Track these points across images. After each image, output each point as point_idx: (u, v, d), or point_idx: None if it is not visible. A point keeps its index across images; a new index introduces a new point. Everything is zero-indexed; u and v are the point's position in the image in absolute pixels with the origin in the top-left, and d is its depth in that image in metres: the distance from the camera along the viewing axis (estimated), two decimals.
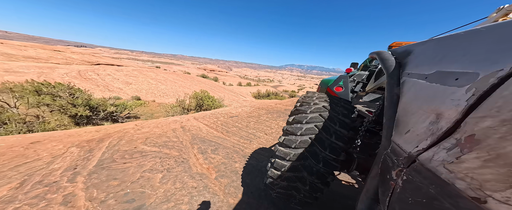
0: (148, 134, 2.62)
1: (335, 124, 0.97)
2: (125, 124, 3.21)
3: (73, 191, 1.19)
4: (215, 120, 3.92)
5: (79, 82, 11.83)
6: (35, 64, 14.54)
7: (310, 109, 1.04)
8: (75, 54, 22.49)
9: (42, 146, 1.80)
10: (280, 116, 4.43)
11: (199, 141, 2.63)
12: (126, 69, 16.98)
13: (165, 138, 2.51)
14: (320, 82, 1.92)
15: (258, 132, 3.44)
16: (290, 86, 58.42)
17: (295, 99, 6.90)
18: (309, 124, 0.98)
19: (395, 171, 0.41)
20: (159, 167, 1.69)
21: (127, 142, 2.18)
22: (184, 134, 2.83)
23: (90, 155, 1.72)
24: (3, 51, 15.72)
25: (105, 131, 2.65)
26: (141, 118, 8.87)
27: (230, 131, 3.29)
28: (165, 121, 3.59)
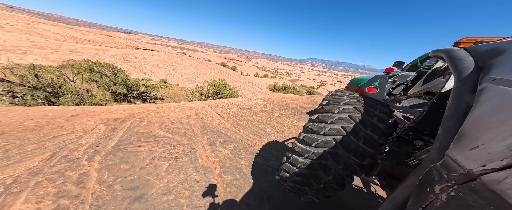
0: (165, 118, 2.73)
1: (366, 128, 0.87)
2: (148, 106, 3.45)
3: (88, 171, 1.29)
4: (228, 110, 3.87)
5: (121, 63, 13.36)
6: (92, 46, 16.96)
7: (338, 109, 0.95)
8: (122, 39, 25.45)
9: (79, 120, 2.05)
10: (295, 113, 4.09)
11: (210, 131, 2.62)
12: (158, 54, 18.36)
13: (179, 125, 2.57)
14: (350, 81, 1.74)
15: (269, 128, 3.25)
16: (309, 82, 54.76)
17: (314, 97, 6.30)
18: (334, 124, 0.91)
19: (440, 186, 0.38)
20: (168, 155, 1.71)
21: (145, 125, 2.30)
22: (197, 122, 2.85)
23: (112, 134, 1.86)
24: (72, 35, 18.84)
25: (131, 111, 2.88)
26: (165, 100, 9.64)
27: (240, 124, 3.20)
28: (182, 107, 3.71)
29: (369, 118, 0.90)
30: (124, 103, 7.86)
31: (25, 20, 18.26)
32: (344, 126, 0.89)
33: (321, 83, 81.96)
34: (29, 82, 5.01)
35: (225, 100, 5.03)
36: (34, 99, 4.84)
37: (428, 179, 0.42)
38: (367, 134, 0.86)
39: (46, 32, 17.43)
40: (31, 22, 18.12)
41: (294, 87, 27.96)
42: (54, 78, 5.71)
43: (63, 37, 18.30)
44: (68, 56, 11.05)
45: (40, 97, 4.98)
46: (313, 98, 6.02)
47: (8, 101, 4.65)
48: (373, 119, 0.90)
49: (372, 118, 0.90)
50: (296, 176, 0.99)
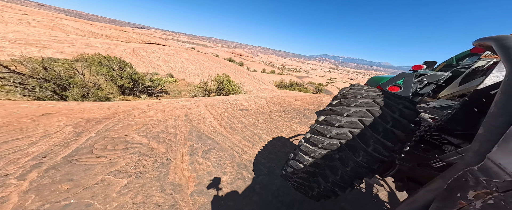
0: (149, 119, 2.46)
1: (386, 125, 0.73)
2: (138, 103, 3.22)
3: (9, 194, 1.02)
4: (223, 110, 3.52)
5: (131, 57, 13.62)
6: (107, 41, 17.56)
7: (355, 103, 0.84)
8: (135, 34, 26.17)
9: (47, 120, 1.86)
10: (296, 116, 3.61)
11: (196, 136, 2.29)
12: (167, 48, 18.49)
13: (163, 127, 2.28)
14: (369, 80, 1.65)
15: (265, 133, 2.84)
16: (318, 78, 52.20)
17: (320, 97, 5.67)
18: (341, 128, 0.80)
19: (475, 192, 0.35)
20: (131, 169, 1.41)
21: (122, 127, 2.04)
22: (184, 124, 2.54)
23: (74, 140, 1.60)
24: (90, 30, 19.71)
25: (115, 109, 2.66)
26: (170, 94, 9.60)
27: (233, 128, 2.83)
28: (174, 106, 3.43)
29: (390, 113, 0.77)
30: (130, 97, 7.94)
31: (50, 17, 19.37)
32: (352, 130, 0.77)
33: (330, 80, 77.81)
34: (38, 75, 5.14)
35: (223, 98, 4.68)
36: (42, 91, 4.97)
37: (460, 183, 0.39)
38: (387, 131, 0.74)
39: (67, 27, 18.35)
40: (55, 18, 19.17)
41: (301, 84, 26.85)
42: (63, 71, 5.82)
43: (82, 32, 19.17)
44: (83, 50, 11.46)
45: (49, 89, 5.10)
46: (319, 98, 5.40)
47: (18, 92, 4.81)
48: (395, 114, 0.77)
49: (394, 113, 0.78)
50: (303, 172, 0.91)
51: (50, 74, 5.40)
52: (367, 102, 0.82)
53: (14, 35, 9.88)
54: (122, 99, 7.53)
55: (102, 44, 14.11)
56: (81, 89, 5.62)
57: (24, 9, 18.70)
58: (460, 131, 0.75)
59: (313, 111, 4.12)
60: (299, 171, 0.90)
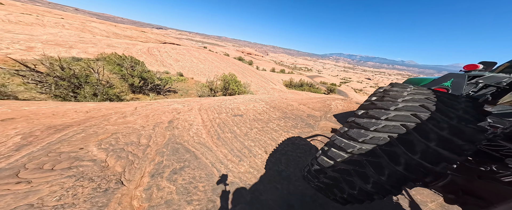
0: (124, 126, 2.13)
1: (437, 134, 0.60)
2: (127, 105, 2.96)
3: None
4: (216, 115, 3.08)
5: (146, 56, 14.17)
6: (127, 41, 18.67)
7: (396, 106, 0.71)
8: (152, 34, 27.62)
9: (2, 127, 1.67)
10: (297, 125, 2.99)
11: (171, 149, 1.89)
12: (178, 48, 18.94)
13: (134, 138, 1.93)
14: (405, 81, 1.51)
15: (256, 146, 2.32)
16: (331, 78, 48.86)
17: (330, 101, 4.87)
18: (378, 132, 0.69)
19: None
20: (51, 202, 1.04)
21: (83, 138, 1.73)
22: (163, 133, 2.16)
23: (6, 157, 1.29)
24: (114, 31, 21.29)
25: (94, 113, 2.38)
26: (178, 93, 9.62)
27: (222, 138, 2.37)
28: (163, 109, 3.10)
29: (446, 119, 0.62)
30: (140, 95, 8.08)
31: (81, 20, 21.35)
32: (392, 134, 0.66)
33: (345, 80, 72.36)
34: (55, 73, 5.40)
35: (222, 100, 4.26)
36: (57, 89, 5.21)
37: None
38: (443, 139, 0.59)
39: (95, 29, 19.99)
40: (85, 21, 21.05)
41: (312, 84, 25.34)
42: (78, 70, 6.06)
43: (107, 33, 20.72)
44: (104, 50, 12.20)
45: (63, 86, 5.34)
46: (328, 102, 4.62)
47: (36, 90, 5.10)
48: (453, 121, 0.62)
49: (452, 119, 0.62)
50: (325, 177, 0.83)
51: (66, 72, 5.65)
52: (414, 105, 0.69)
53: (47, 37, 10.92)
54: (132, 98, 7.69)
55: (122, 44, 14.98)
56: (92, 87, 5.79)
57: (60, 14, 20.92)
58: None
59: (319, 117, 3.43)
60: (329, 169, 0.81)
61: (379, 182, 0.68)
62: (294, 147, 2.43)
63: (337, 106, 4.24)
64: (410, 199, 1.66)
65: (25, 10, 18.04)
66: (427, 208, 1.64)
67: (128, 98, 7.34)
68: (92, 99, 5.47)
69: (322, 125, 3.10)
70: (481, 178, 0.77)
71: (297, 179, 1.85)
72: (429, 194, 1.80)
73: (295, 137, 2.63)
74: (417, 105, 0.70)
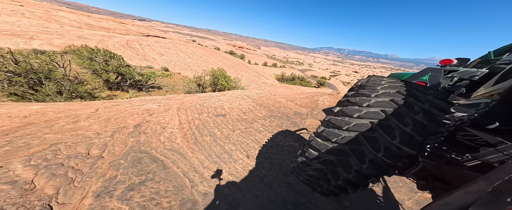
0: (70, 134, 1.76)
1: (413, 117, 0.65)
2: (83, 107, 2.47)
3: None
4: (196, 116, 2.80)
5: (124, 50, 12.83)
6: (102, 33, 16.67)
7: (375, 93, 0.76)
8: (133, 27, 24.95)
9: None
10: (283, 124, 2.85)
11: (133, 159, 1.59)
12: (163, 41, 17.50)
13: (82, 148, 1.56)
14: (388, 76, 1.47)
15: (238, 150, 2.14)
16: (321, 72, 49.70)
17: (317, 97, 4.80)
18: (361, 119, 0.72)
19: None
20: None
21: (5, 153, 1.29)
22: (124, 141, 1.84)
23: None
24: (87, 22, 18.75)
25: (36, 117, 1.89)
26: (163, 89, 8.96)
27: (199, 142, 2.13)
28: (133, 110, 2.71)
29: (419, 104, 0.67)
30: (118, 92, 7.33)
31: (46, 8, 18.46)
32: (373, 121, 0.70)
33: (334, 73, 74.26)
34: (6, 68, 4.55)
35: (206, 98, 3.94)
36: (11, 86, 4.41)
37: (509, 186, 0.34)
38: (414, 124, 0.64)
39: (63, 19, 17.48)
40: (51, 10, 18.25)
41: (303, 78, 25.54)
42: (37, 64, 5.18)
43: (78, 24, 18.27)
44: (74, 42, 10.74)
45: (19, 83, 4.54)
46: (315, 98, 4.54)
47: None
48: (425, 105, 0.67)
49: (423, 104, 0.67)
50: (312, 170, 0.88)
51: (21, 67, 4.79)
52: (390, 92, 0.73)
53: (1, 26, 9.22)
54: (108, 95, 6.94)
55: (96, 36, 13.30)
56: (56, 84, 5.02)
57: (20, 0, 17.81)
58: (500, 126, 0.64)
59: (305, 115, 3.33)
60: (314, 161, 0.83)
61: (360, 170, 0.69)
62: (278, 149, 2.29)
63: (324, 102, 4.18)
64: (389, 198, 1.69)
65: None
66: (404, 205, 1.64)
67: (103, 95, 6.61)
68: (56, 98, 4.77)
69: (308, 123, 3.00)
70: (449, 164, 0.81)
71: (280, 185, 1.72)
72: (406, 192, 1.81)
73: (279, 138, 2.49)
74: (387, 99, 0.71)
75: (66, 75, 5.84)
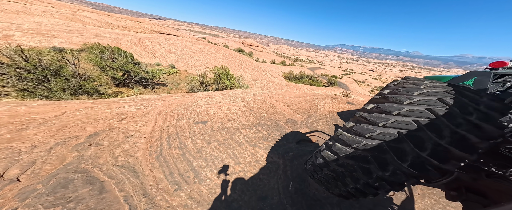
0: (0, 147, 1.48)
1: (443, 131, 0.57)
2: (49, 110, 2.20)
3: None
4: (174, 122, 2.48)
5: (136, 47, 13.25)
6: (119, 31, 17.52)
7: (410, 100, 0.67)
8: (148, 25, 25.94)
9: None
10: (269, 136, 2.39)
11: (58, 183, 1.27)
12: (172, 38, 17.79)
13: (0, 167, 1.30)
14: None
15: (208, 167, 1.79)
16: (333, 70, 46.58)
17: (318, 101, 4.19)
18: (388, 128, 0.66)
19: None
20: None
21: None
22: (64, 155, 1.53)
23: None
24: (107, 21, 19.91)
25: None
26: (168, 87, 9.02)
27: (163, 156, 1.82)
28: (103, 114, 2.43)
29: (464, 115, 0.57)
30: (124, 89, 7.52)
31: (72, 8, 19.94)
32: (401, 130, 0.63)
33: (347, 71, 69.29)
34: (16, 65, 4.80)
35: (192, 101, 3.64)
36: (20, 82, 4.66)
37: None
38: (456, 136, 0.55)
39: (87, 18, 18.73)
40: (76, 10, 19.67)
41: (312, 76, 24.30)
42: (48, 61, 5.43)
43: (99, 22, 19.46)
44: (91, 40, 11.35)
45: (31, 80, 4.78)
46: (316, 102, 3.94)
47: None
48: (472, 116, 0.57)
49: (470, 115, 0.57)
50: (329, 171, 0.84)
51: (30, 63, 5.03)
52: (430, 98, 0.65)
53: (29, 25, 10.07)
54: (115, 91, 7.13)
55: (112, 34, 13.96)
56: (63, 81, 5.21)
57: (51, 2, 19.50)
58: None
59: (299, 123, 2.82)
60: (333, 163, 0.80)
61: (383, 177, 0.65)
62: (257, 166, 1.88)
63: (325, 107, 3.57)
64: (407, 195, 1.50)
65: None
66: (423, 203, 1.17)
67: (110, 92, 6.80)
68: (62, 94, 4.94)
69: (299, 134, 2.51)
70: (489, 177, 0.72)
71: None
72: None
73: (261, 153, 2.06)
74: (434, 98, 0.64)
75: (76, 72, 6.07)
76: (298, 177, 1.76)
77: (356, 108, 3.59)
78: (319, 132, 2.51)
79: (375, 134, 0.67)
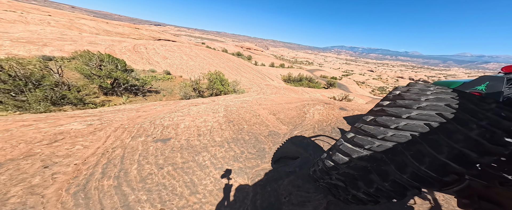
0: None
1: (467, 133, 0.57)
2: None
3: None
4: (127, 141, 2.07)
5: (130, 54, 13.16)
6: (115, 38, 17.61)
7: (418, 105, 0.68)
8: (146, 31, 26.24)
9: None
10: (242, 155, 2.00)
11: None
12: (169, 44, 17.79)
13: None
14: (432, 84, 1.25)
15: (149, 201, 1.39)
16: (332, 71, 46.29)
17: (307, 108, 3.82)
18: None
19: None
20: None
21: None
22: None
23: None
24: (104, 28, 20.13)
25: None
26: (161, 93, 8.75)
27: (87, 190, 1.41)
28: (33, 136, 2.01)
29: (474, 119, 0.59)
30: (113, 97, 7.26)
31: (70, 16, 20.22)
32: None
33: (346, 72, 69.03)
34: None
35: (166, 112, 3.30)
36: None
37: None
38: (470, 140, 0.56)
39: (84, 26, 18.91)
40: (74, 18, 19.93)
41: (311, 78, 24.14)
42: (28, 70, 5.20)
43: (97, 30, 19.63)
44: (84, 47, 11.25)
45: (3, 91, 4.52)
46: (305, 109, 3.57)
47: None
48: (483, 122, 0.58)
49: (481, 120, 0.58)
50: (330, 178, 0.87)
51: (5, 73, 4.79)
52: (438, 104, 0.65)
53: (21, 34, 10.02)
54: (103, 100, 6.86)
55: (107, 41, 13.95)
56: (42, 91, 4.95)
57: (49, 11, 19.82)
58: None
59: (282, 136, 2.45)
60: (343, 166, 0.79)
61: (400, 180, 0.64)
62: (220, 195, 1.50)
63: (314, 115, 3.20)
64: None
65: (10, 7, 17.04)
66: None
67: (97, 101, 6.52)
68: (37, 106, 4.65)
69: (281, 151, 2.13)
70: (503, 185, 0.67)
71: None
72: None
73: (228, 179, 1.69)
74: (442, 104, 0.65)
75: (60, 82, 5.82)
76: (270, 206, 1.38)
77: (349, 114, 3.21)
78: (324, 136, 2.36)
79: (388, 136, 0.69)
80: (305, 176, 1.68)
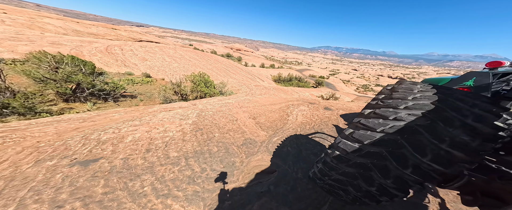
0: None
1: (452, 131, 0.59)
2: None
3: None
4: (23, 168, 1.43)
5: (101, 55, 11.82)
6: (85, 38, 15.80)
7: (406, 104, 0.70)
8: (125, 32, 24.16)
9: None
10: (202, 174, 1.52)
11: None
12: (149, 45, 16.50)
13: None
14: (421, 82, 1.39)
15: None
16: (320, 71, 47.82)
17: (291, 109, 3.48)
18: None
19: None
20: None
21: None
22: None
23: None
24: (74, 28, 17.99)
25: None
26: (138, 98, 7.79)
27: None
28: None
29: (459, 116, 0.60)
30: (76, 104, 6.19)
31: (30, 15, 17.76)
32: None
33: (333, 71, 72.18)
34: None
35: (108, 125, 2.65)
36: None
37: None
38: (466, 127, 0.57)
39: (48, 25, 16.73)
40: (36, 17, 17.54)
41: (300, 78, 24.56)
42: None
43: (65, 30, 17.51)
44: (44, 48, 9.73)
45: None
46: (289, 110, 3.22)
47: None
48: (467, 119, 0.59)
49: (466, 117, 0.59)
50: (331, 180, 0.85)
51: None
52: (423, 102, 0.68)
53: None
54: (62, 108, 5.79)
55: (74, 41, 12.35)
56: None
57: (4, 8, 17.16)
58: None
59: (259, 145, 2.04)
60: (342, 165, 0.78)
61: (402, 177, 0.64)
62: None
63: (297, 117, 2.86)
64: None
65: None
66: None
67: (55, 109, 5.48)
68: None
69: (252, 165, 1.71)
70: (502, 179, 0.70)
71: None
72: None
73: (181, 204, 1.21)
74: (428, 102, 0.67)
75: (1, 87, 4.73)
76: None
77: (334, 115, 2.94)
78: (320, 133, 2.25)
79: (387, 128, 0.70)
80: (280, 196, 1.30)
